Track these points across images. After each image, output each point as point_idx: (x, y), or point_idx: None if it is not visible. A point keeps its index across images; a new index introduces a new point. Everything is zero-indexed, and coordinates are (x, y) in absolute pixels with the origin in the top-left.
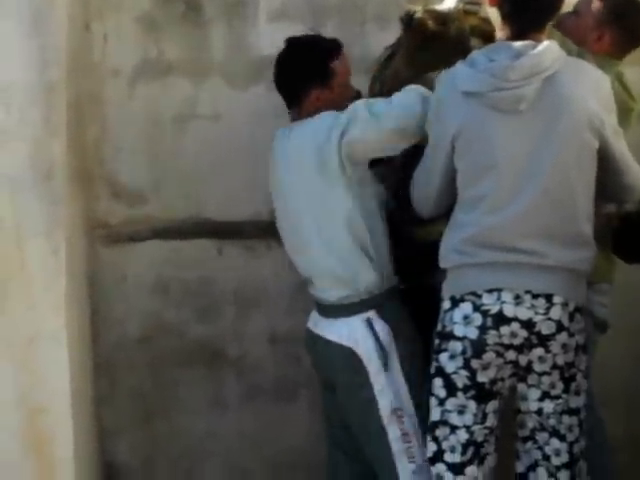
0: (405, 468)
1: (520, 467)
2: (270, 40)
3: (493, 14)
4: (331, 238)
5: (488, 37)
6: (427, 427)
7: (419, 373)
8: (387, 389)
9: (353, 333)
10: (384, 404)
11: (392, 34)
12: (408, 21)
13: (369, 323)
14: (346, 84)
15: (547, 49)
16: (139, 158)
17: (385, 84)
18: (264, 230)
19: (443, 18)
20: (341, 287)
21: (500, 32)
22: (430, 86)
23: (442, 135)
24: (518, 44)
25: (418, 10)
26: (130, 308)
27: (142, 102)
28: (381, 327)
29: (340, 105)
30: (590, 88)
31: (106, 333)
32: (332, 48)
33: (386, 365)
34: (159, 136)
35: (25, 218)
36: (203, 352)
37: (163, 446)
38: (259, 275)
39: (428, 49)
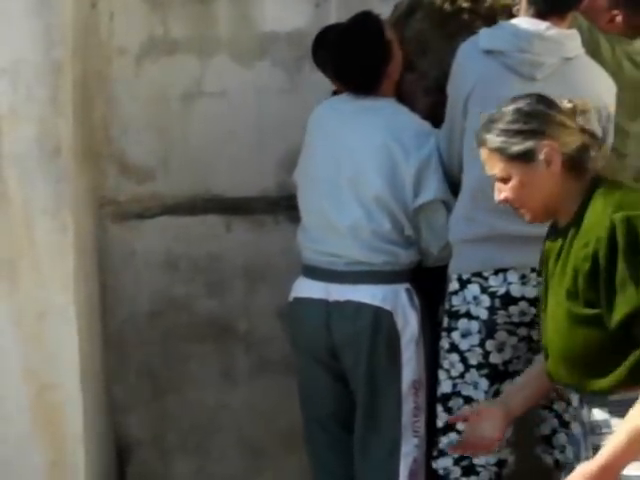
0: (409, 441)
1: (545, 430)
2: (276, 16)
3: None
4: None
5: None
6: (438, 398)
7: (429, 347)
8: (413, 359)
9: (394, 299)
10: (407, 374)
11: None
12: None
13: (409, 293)
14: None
15: (571, 34)
16: (146, 135)
17: (407, 44)
18: (272, 205)
19: None
20: (382, 254)
21: (523, 13)
22: None
23: (458, 97)
24: (545, 22)
25: None
26: (139, 284)
27: (149, 80)
28: (418, 300)
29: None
30: (603, 83)
31: (116, 309)
32: (379, 20)
33: (419, 338)
34: (166, 114)
35: (32, 196)
36: (212, 327)
37: (174, 421)
38: (267, 250)
39: (456, 19)
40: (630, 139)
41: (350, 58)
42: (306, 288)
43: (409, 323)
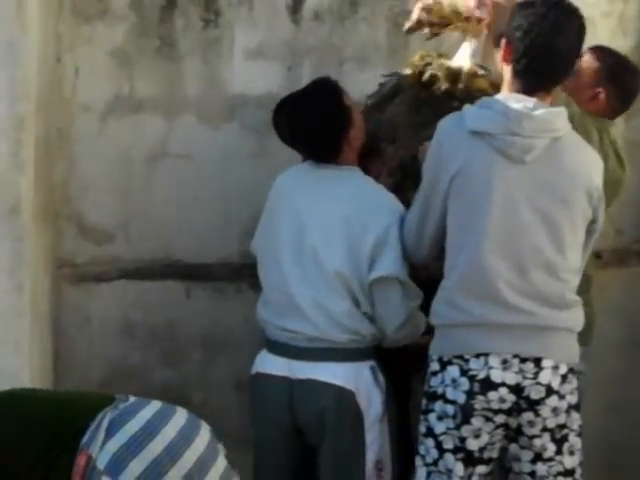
0: None
1: None
2: (246, 78)
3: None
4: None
5: None
6: None
7: (395, 425)
8: (377, 440)
9: (357, 378)
10: (370, 455)
11: (371, 75)
12: (419, 73)
13: (373, 371)
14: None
15: (560, 112)
16: (107, 196)
17: (379, 129)
18: (234, 273)
19: (455, 76)
20: (345, 331)
21: (507, 88)
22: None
23: (440, 177)
24: (532, 99)
25: (431, 63)
26: (93, 350)
27: (112, 139)
28: (381, 377)
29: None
30: (594, 163)
31: (68, 376)
32: (337, 86)
33: (383, 416)
34: (129, 174)
35: None
36: (167, 397)
37: None
38: (228, 319)
39: (434, 105)
40: None
41: (307, 125)
42: (269, 364)
43: (373, 403)
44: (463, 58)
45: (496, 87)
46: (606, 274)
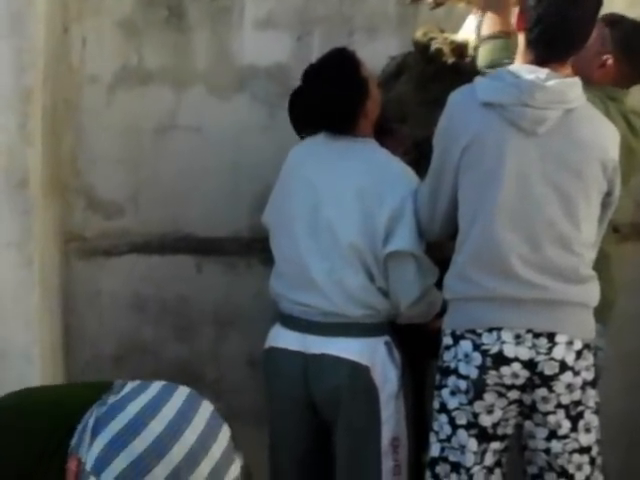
0: None
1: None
2: (255, 48)
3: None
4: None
5: None
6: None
7: (410, 402)
8: (393, 417)
9: (372, 354)
10: (386, 432)
11: (380, 45)
12: (424, 49)
13: (389, 346)
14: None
15: (573, 83)
16: (116, 169)
17: (388, 108)
18: (245, 247)
19: (460, 50)
20: (359, 306)
21: (521, 58)
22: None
23: (451, 149)
24: (545, 69)
25: (435, 38)
26: (104, 325)
27: (121, 111)
28: (397, 353)
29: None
30: (608, 134)
31: (79, 351)
32: (354, 56)
33: (399, 392)
34: (138, 146)
35: None
36: (180, 373)
37: None
38: (239, 294)
39: (441, 80)
40: None
41: (323, 94)
42: (282, 338)
43: (388, 379)
44: (468, 31)
45: None
46: (625, 248)
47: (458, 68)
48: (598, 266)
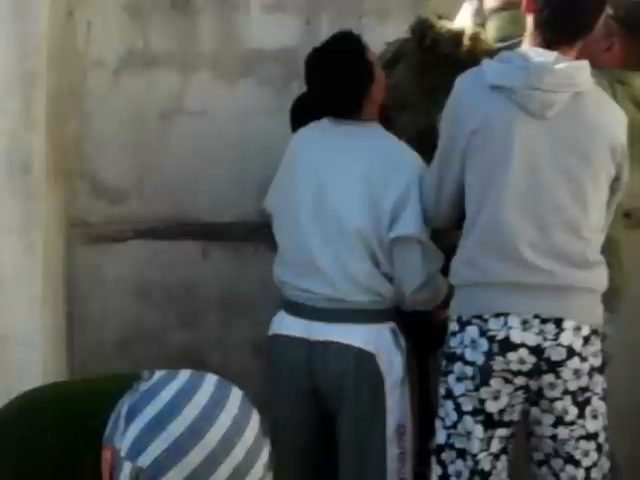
0: None
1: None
2: (262, 32)
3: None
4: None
5: None
6: (433, 449)
7: (416, 389)
8: (398, 404)
9: (377, 340)
10: (391, 420)
11: (390, 28)
12: (420, 37)
13: (394, 333)
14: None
15: (582, 65)
16: (121, 154)
17: (389, 96)
18: (252, 232)
19: (457, 39)
20: (365, 292)
21: (530, 40)
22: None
23: (458, 133)
24: (554, 52)
25: (432, 25)
26: (108, 311)
27: (126, 95)
28: (403, 340)
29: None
30: (617, 118)
31: (82, 337)
32: (359, 40)
33: (404, 379)
34: (143, 131)
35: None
36: (185, 360)
37: None
38: (245, 280)
39: (438, 68)
40: None
41: (328, 80)
42: (286, 325)
43: (394, 366)
44: (465, 18)
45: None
46: (637, 234)
47: (455, 57)
48: (607, 252)
